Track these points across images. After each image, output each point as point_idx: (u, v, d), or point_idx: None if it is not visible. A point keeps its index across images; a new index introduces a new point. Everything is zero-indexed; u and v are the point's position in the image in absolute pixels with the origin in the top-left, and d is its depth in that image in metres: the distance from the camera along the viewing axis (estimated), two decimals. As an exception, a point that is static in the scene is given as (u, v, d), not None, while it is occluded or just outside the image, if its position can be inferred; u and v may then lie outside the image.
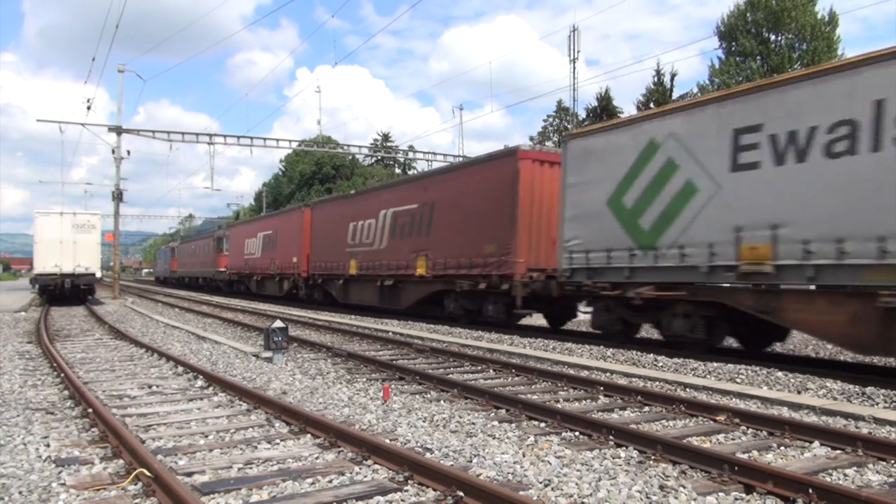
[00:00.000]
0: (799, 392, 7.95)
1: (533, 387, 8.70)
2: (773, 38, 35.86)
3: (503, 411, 7.05)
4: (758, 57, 35.26)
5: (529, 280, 14.38)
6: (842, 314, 8.90)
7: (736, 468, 4.67)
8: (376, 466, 4.97)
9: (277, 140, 36.57)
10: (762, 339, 11.86)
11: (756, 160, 9.79)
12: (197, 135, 33.09)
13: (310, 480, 4.67)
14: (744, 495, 4.42)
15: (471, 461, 5.07)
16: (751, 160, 9.86)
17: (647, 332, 17.15)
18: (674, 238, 11.01)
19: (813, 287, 9.31)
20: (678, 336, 11.31)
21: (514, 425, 6.38)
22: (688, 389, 8.25)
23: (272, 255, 29.90)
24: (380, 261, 20.39)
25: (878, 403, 7.33)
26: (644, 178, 11.57)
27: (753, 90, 10.02)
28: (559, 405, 7.31)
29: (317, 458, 5.27)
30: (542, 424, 6.43)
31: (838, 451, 5.48)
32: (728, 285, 10.41)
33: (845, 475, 4.89)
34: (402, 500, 4.29)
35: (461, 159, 38.21)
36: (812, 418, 6.75)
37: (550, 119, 53.88)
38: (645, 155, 11.57)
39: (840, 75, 8.88)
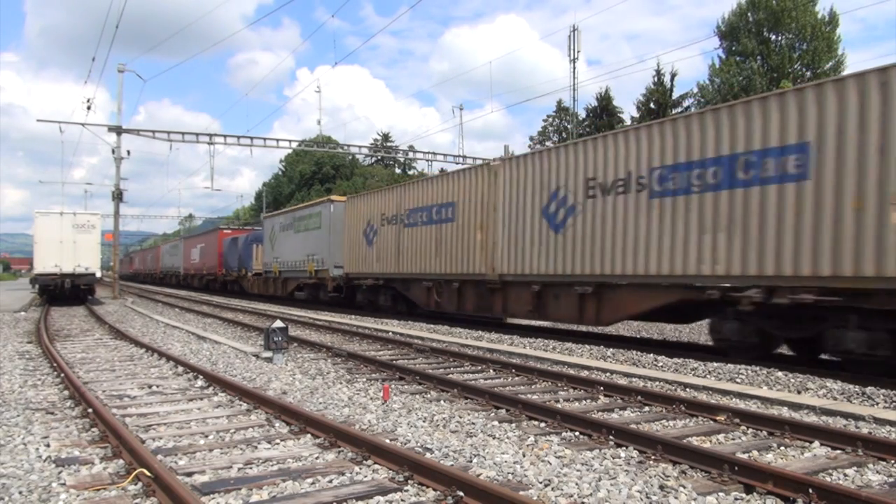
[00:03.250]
0: (799, 392, 7.95)
1: (533, 387, 8.70)
2: (773, 37, 35.89)
3: (503, 411, 7.05)
4: (758, 57, 35.30)
5: None
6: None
7: (736, 468, 4.66)
8: (376, 466, 4.97)
9: (277, 140, 36.51)
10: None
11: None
12: (197, 135, 33.05)
13: (310, 480, 4.67)
14: (744, 495, 4.42)
15: (471, 461, 5.06)
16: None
17: (648, 331, 17.14)
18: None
19: None
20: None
21: (514, 425, 6.38)
22: (688, 389, 8.25)
23: (146, 264, 72.09)
24: None
25: (878, 403, 7.33)
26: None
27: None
28: (559, 405, 7.30)
29: (317, 458, 5.27)
30: (542, 424, 6.43)
31: (838, 451, 5.48)
32: None
33: (845, 475, 4.89)
34: (402, 500, 4.29)
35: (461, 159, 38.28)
36: (812, 418, 6.75)
37: (550, 119, 53.90)
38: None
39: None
